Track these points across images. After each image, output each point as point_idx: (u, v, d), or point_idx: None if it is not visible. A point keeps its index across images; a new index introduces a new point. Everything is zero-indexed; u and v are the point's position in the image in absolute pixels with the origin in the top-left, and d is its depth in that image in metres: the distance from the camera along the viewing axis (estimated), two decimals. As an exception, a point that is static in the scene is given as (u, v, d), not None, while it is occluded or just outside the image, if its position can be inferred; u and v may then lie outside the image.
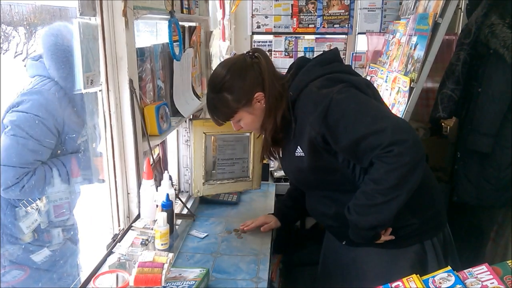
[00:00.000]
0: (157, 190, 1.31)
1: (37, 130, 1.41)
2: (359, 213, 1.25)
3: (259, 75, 1.35)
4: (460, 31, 2.33)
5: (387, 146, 1.16)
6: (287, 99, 1.34)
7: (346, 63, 3.16)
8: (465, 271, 0.92)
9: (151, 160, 1.35)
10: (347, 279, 1.45)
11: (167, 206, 1.29)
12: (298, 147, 1.34)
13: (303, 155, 1.32)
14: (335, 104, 1.23)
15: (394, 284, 0.96)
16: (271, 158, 1.53)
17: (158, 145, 1.63)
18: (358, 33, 3.09)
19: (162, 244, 1.20)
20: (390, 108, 1.97)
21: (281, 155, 1.50)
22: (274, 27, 3.12)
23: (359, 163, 1.29)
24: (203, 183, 1.80)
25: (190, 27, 1.91)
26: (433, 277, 0.93)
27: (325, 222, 1.52)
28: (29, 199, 1.53)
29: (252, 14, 3.10)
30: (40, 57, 1.50)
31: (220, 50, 2.63)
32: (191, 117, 1.84)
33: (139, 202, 1.33)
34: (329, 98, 1.23)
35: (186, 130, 1.86)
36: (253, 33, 3.15)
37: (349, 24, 3.06)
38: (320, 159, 1.31)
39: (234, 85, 1.33)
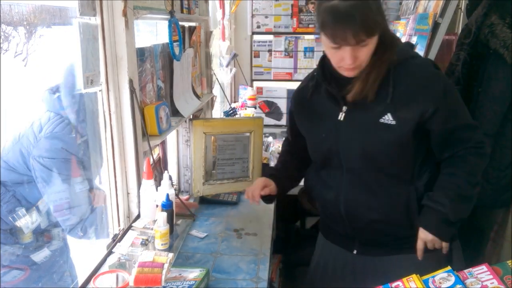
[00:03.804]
0: (157, 190, 1.31)
1: (67, 166, 1.53)
2: (455, 201, 1.19)
3: None
4: (460, 31, 2.33)
5: (480, 142, 1.22)
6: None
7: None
8: (465, 271, 0.92)
9: (151, 160, 1.35)
10: None
11: (167, 206, 1.29)
12: (389, 114, 1.20)
13: (393, 123, 1.19)
14: (450, 86, 1.24)
15: (394, 284, 0.96)
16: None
17: (158, 145, 1.63)
18: (358, 33, 3.09)
19: (162, 244, 1.20)
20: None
21: (341, 118, 1.27)
22: (274, 27, 3.12)
23: (441, 151, 1.25)
24: (203, 183, 1.80)
25: (190, 27, 1.91)
26: (433, 277, 0.93)
27: (365, 217, 1.30)
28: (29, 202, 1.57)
29: (252, 14, 3.10)
30: (57, 90, 1.54)
31: (220, 50, 2.63)
32: (191, 117, 1.84)
33: (139, 202, 1.33)
34: (444, 79, 1.24)
35: (186, 130, 1.86)
36: (253, 33, 3.15)
37: (349, 24, 3.06)
38: (408, 133, 1.21)
39: None
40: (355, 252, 1.37)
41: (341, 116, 1.26)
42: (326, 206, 1.41)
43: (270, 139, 2.72)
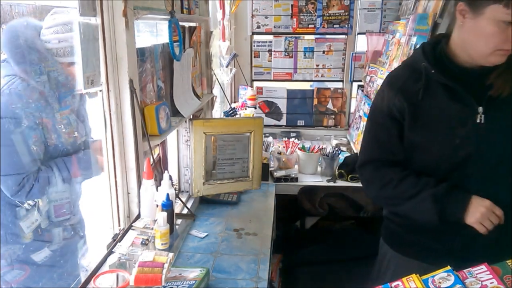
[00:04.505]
0: (157, 190, 1.31)
1: (17, 131, 1.37)
2: None
3: None
4: (460, 31, 2.33)
5: None
6: None
7: (345, 63, 3.18)
8: (464, 271, 0.93)
9: (151, 160, 1.35)
10: None
11: (167, 206, 1.29)
12: None
13: None
14: None
15: (394, 284, 0.96)
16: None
17: (158, 145, 1.63)
18: (358, 33, 3.10)
19: (162, 244, 1.20)
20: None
21: (480, 120, 1.15)
22: (274, 27, 3.13)
23: None
24: (203, 183, 1.80)
25: (190, 27, 1.91)
26: (433, 277, 0.93)
27: (501, 230, 1.16)
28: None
29: (252, 14, 3.10)
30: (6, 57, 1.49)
31: (220, 50, 2.63)
32: (191, 117, 1.84)
33: (139, 202, 1.33)
34: None
35: (186, 130, 1.86)
36: (253, 33, 3.16)
37: (349, 24, 3.06)
38: None
39: None
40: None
41: (480, 119, 1.15)
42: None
43: (270, 139, 2.72)
